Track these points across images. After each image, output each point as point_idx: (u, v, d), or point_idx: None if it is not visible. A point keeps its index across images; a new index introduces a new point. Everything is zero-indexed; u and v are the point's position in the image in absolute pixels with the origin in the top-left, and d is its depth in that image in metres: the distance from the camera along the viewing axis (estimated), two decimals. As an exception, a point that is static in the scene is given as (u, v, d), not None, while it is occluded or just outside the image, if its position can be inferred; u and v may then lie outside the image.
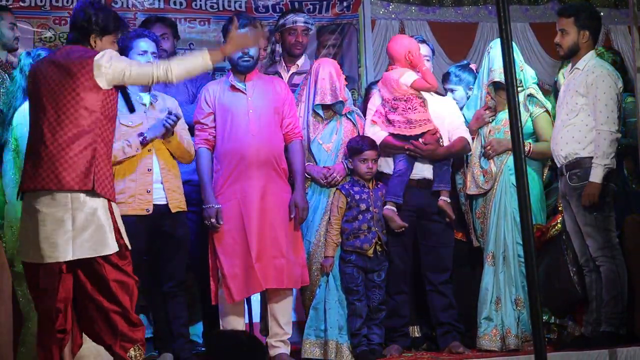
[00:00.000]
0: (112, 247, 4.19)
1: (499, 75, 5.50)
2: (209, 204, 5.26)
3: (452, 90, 6.01)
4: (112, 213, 4.24)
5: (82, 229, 4.13)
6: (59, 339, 4.21)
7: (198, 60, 4.39)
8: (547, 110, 5.65)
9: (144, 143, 5.17)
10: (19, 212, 4.80)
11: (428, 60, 5.79)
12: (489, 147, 5.63)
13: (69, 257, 4.13)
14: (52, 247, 4.13)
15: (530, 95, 5.63)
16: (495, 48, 5.58)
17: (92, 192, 4.16)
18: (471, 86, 5.94)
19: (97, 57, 4.24)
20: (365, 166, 5.49)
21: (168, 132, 5.20)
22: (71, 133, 4.17)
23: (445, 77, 6.12)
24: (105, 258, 4.19)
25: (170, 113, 5.18)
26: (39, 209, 4.15)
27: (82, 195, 4.15)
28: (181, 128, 5.32)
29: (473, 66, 6.14)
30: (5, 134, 5.13)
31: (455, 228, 5.74)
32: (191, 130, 5.46)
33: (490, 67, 5.63)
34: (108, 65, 4.23)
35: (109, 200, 4.24)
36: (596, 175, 5.18)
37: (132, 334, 4.26)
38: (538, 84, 5.81)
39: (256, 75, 5.46)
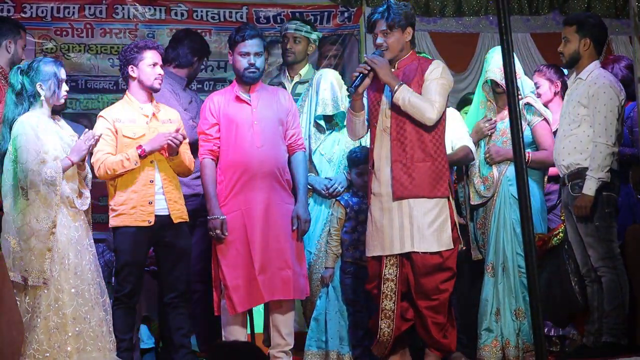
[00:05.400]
0: None
1: (492, 74, 5.51)
2: (213, 215, 5.25)
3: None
4: None
5: None
6: None
7: None
8: (545, 119, 5.64)
9: (142, 156, 5.17)
10: (17, 223, 4.79)
11: None
12: (487, 156, 5.62)
13: None
14: None
15: (528, 104, 5.62)
16: (492, 52, 5.60)
17: None
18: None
19: None
20: (362, 179, 5.43)
21: (173, 151, 5.20)
22: None
23: None
24: None
25: (177, 131, 5.18)
26: None
27: None
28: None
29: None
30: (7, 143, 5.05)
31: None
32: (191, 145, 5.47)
33: (486, 69, 5.63)
34: None
35: None
36: (589, 188, 5.16)
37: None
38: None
39: (260, 86, 5.44)
